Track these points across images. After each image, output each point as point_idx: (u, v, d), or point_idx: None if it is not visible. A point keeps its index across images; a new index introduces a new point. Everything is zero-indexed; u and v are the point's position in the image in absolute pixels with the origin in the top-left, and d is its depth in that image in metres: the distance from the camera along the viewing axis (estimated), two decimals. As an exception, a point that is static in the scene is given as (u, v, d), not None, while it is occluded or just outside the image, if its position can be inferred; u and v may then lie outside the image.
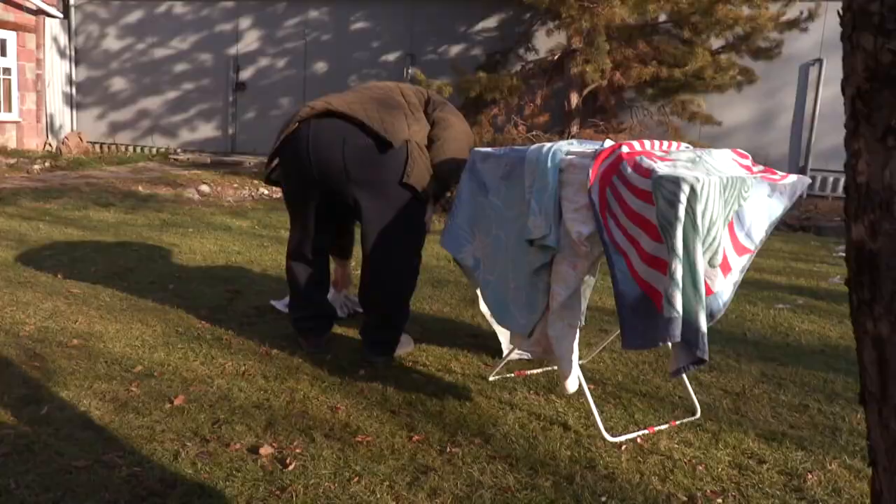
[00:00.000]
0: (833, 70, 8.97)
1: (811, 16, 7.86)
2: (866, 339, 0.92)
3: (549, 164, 2.46)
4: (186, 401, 2.63)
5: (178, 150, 11.40)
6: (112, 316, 3.56)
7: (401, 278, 3.15)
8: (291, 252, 3.28)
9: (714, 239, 2.19)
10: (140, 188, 8.08)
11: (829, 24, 8.75)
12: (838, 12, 0.95)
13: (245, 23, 11.03)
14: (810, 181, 2.45)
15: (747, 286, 4.69)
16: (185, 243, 5.34)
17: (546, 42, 8.83)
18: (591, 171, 2.33)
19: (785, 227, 7.57)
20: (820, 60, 8.98)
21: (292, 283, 3.28)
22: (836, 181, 9.24)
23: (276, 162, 3.25)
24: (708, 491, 2.17)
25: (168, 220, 6.34)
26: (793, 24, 7.79)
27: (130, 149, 11.71)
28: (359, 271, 3.34)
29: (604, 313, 4.00)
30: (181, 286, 4.16)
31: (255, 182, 8.88)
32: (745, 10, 7.43)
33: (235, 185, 8.72)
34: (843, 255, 6.37)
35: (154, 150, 11.52)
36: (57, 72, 11.77)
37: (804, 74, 9.12)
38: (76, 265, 4.52)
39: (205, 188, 8.37)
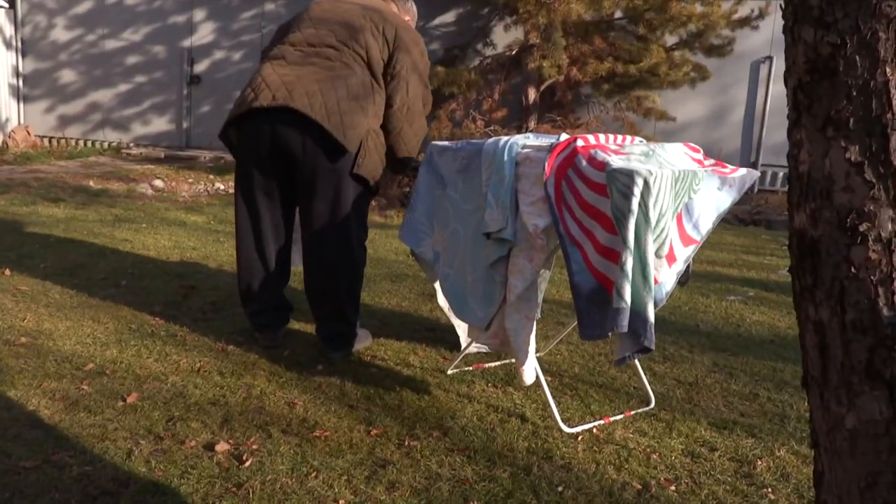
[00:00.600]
0: (783, 67, 9.18)
1: (762, 14, 8.03)
2: (808, 325, 0.95)
3: (506, 157, 2.47)
4: (140, 398, 2.58)
5: (131, 145, 11.16)
6: (62, 313, 3.48)
7: (347, 271, 3.08)
8: (241, 241, 3.16)
9: (663, 230, 2.24)
10: (91, 183, 7.89)
11: (778, 22, 8.95)
12: (780, 5, 0.98)
13: (199, 15, 10.84)
14: (759, 174, 2.52)
15: (700, 279, 4.79)
16: (138, 239, 5.24)
17: (504, 37, 8.86)
18: (546, 165, 2.35)
19: (736, 221, 7.74)
20: (770, 58, 9.20)
21: (243, 274, 3.18)
22: (785, 176, 9.46)
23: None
24: (662, 479, 2.22)
25: (120, 216, 6.21)
26: (744, 22, 7.95)
27: (81, 143, 11.42)
28: None
29: (561, 306, 4.05)
30: (134, 282, 4.09)
31: (211, 177, 8.75)
32: (699, 8, 7.55)
33: (190, 180, 8.58)
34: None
35: (106, 145, 11.26)
36: (2, 63, 11.42)
37: (755, 71, 9.34)
38: (24, 262, 4.40)
39: (158, 183, 8.22)
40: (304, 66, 3.00)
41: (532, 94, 8.13)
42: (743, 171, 2.43)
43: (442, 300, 3.08)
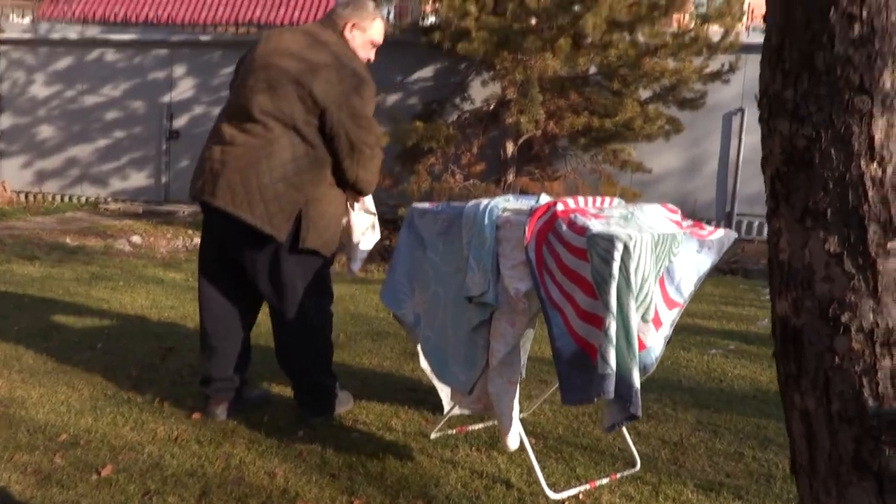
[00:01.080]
0: (754, 119, 9.38)
1: (732, 68, 8.24)
2: (794, 412, 0.95)
3: (486, 220, 2.48)
4: (115, 471, 2.51)
5: (109, 200, 11.11)
6: (35, 379, 3.40)
7: (307, 345, 2.99)
8: (200, 310, 3.10)
9: (646, 294, 2.24)
10: (68, 239, 7.82)
11: (748, 75, 9.20)
12: (755, 96, 1.00)
13: (179, 70, 10.93)
14: (736, 236, 2.54)
15: (681, 332, 4.80)
16: (114, 298, 5.17)
17: (481, 92, 9.01)
18: (527, 229, 2.36)
19: (715, 270, 7.79)
20: (742, 110, 9.43)
21: (201, 341, 3.11)
22: (761, 225, 9.60)
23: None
24: (649, 546, 2.18)
25: (97, 274, 6.14)
26: (715, 76, 8.15)
27: (58, 198, 11.36)
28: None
29: (543, 364, 4.02)
30: (110, 344, 4.02)
31: (190, 232, 8.71)
32: (671, 63, 7.74)
33: (169, 236, 8.53)
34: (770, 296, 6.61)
35: (83, 200, 11.20)
36: (-20, 119, 11.39)
37: (727, 123, 9.56)
38: (-3, 324, 4.32)
39: (136, 239, 8.16)
40: (233, 147, 2.84)
41: (510, 148, 8.24)
42: (720, 232, 2.46)
43: (424, 362, 3.06)
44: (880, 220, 0.88)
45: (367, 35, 3.03)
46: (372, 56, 3.11)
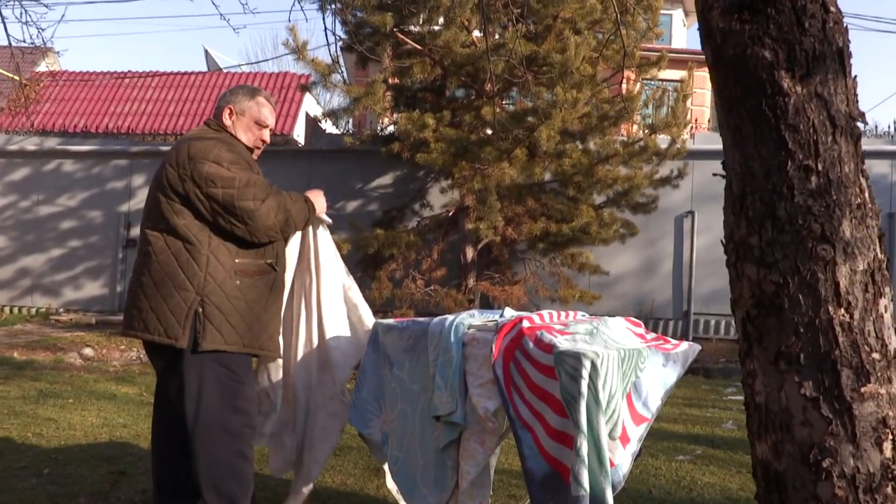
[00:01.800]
0: (704, 221, 9.74)
1: (680, 174, 8.58)
2: (782, 559, 0.93)
3: (453, 338, 2.47)
4: None
5: (60, 310, 10.83)
6: (-25, 512, 3.19)
7: (221, 476, 2.57)
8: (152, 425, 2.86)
9: (614, 411, 2.23)
10: (15, 354, 7.54)
11: (696, 179, 9.58)
12: (721, 242, 1.03)
13: (139, 180, 10.94)
14: (700, 348, 2.57)
15: (647, 437, 4.74)
16: (63, 417, 4.95)
17: (440, 198, 9.18)
18: (494, 346, 2.36)
19: (676, 371, 7.83)
20: (692, 212, 9.76)
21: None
22: (717, 323, 9.76)
23: None
24: None
25: (46, 391, 5.90)
26: (665, 181, 8.47)
27: (7, 310, 11.03)
28: None
29: (511, 476, 3.93)
30: (58, 470, 3.81)
31: (144, 342, 8.48)
32: (622, 170, 8.03)
33: (122, 347, 8.29)
34: (733, 398, 6.60)
35: (34, 311, 10.90)
36: (-71, 230, 11.17)
37: (679, 225, 9.86)
38: (-64, 451, 4.08)
39: (88, 351, 7.91)
40: (135, 264, 2.79)
41: (470, 253, 8.33)
42: (685, 345, 2.48)
43: (391, 482, 2.96)
44: (852, 364, 0.90)
45: (247, 117, 2.90)
46: (266, 137, 2.96)
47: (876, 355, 0.91)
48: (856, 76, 1.04)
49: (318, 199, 2.95)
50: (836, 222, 0.91)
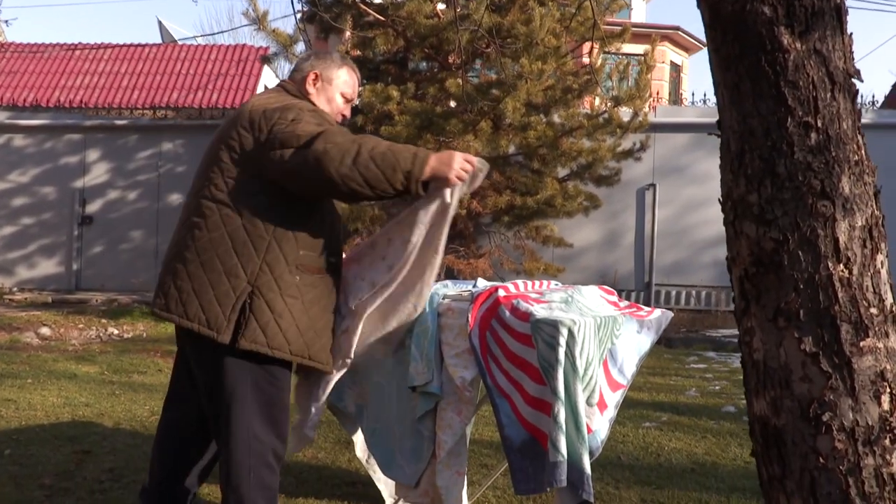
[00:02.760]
0: (665, 194, 9.88)
1: (643, 147, 8.66)
2: (780, 514, 0.95)
3: (427, 308, 2.46)
4: None
5: (14, 290, 10.54)
6: (-65, 495, 3.10)
7: (234, 482, 2.30)
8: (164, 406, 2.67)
9: (591, 378, 2.25)
10: (-32, 335, 7.34)
11: (658, 153, 9.69)
12: (719, 200, 1.03)
13: (93, 155, 10.66)
14: (672, 315, 2.60)
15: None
16: (23, 398, 4.83)
17: (404, 172, 9.12)
18: (470, 315, 2.35)
19: (639, 341, 7.97)
20: (653, 185, 9.88)
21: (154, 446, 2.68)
22: (678, 294, 9.94)
23: None
24: None
25: (2, 371, 5.74)
26: (628, 154, 8.54)
27: (-43, 289, 10.70)
28: None
29: (482, 446, 3.96)
30: (19, 451, 3.72)
31: (104, 321, 8.32)
32: (586, 143, 8.07)
33: (81, 326, 8.12)
34: (695, 366, 6.72)
35: (-15, 290, 10.59)
36: None
37: (641, 198, 9.98)
38: None
39: (45, 331, 7.73)
40: (175, 236, 2.45)
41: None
42: (658, 312, 2.51)
43: (361, 453, 2.96)
44: (851, 319, 0.91)
45: (334, 87, 2.54)
46: (347, 113, 2.63)
47: (874, 310, 0.92)
48: (851, 33, 1.04)
49: (455, 160, 2.24)
50: (836, 178, 0.92)
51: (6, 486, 3.23)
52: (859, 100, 0.99)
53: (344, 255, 2.52)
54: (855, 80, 0.99)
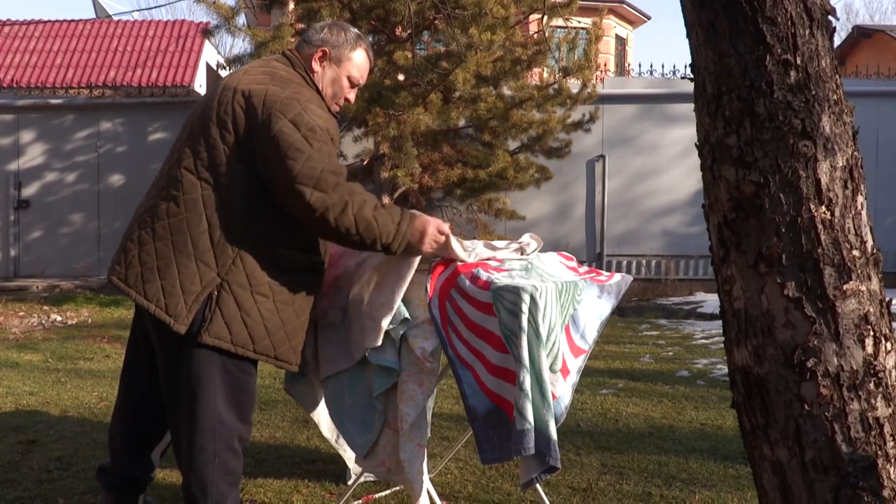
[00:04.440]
0: (614, 164, 9.96)
1: (592, 118, 8.69)
2: (764, 464, 0.93)
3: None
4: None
5: (-52, 278, 10.11)
6: None
7: (209, 473, 2.19)
8: (120, 388, 2.55)
9: (554, 344, 2.23)
10: None
11: (606, 124, 9.74)
12: (696, 145, 0.99)
13: (27, 136, 10.23)
14: (632, 279, 2.60)
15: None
16: (-38, 389, 4.63)
17: (354, 147, 8.99)
18: (428, 285, 2.30)
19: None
20: (603, 156, 9.94)
21: (112, 422, 2.58)
22: (628, 264, 10.07)
23: None
24: None
25: (-60, 362, 5.50)
26: (577, 126, 8.56)
27: None
28: None
29: (442, 419, 3.94)
30: (-40, 443, 3.56)
31: (45, 308, 8.04)
32: (536, 115, 8.05)
33: (21, 314, 7.83)
34: (647, 333, 6.83)
35: (-83, 280, 10.13)
36: None
37: (591, 169, 10.04)
38: None
39: (-17, 320, 7.43)
40: (147, 201, 2.28)
41: (386, 202, 8.22)
42: (617, 276, 2.50)
43: (328, 432, 2.90)
44: (834, 262, 0.88)
45: (342, 68, 2.35)
46: (351, 97, 2.42)
47: (856, 252, 0.90)
48: (827, -33, 1.02)
49: (427, 236, 2.19)
50: (817, 117, 0.89)
51: (-54, 480, 3.08)
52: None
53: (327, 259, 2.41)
54: (831, 18, 0.96)
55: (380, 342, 2.30)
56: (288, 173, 2.07)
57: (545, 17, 7.03)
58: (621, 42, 20.51)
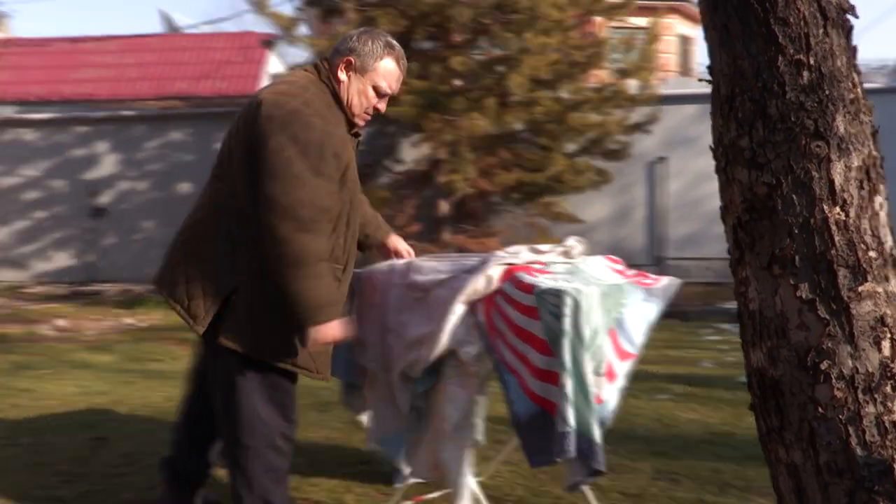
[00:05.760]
0: (676, 166, 9.76)
1: (652, 119, 8.55)
2: (780, 467, 0.92)
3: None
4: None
5: (30, 283, 10.64)
6: (-47, 484, 3.13)
7: (253, 456, 2.26)
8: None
9: (598, 347, 2.22)
10: (-14, 328, 7.41)
11: (667, 125, 9.57)
12: (710, 147, 0.99)
13: (102, 147, 10.69)
14: (680, 282, 2.57)
15: (628, 379, 4.81)
16: (40, 387, 4.88)
17: (412, 153, 9.08)
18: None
19: (653, 315, 7.92)
20: (665, 158, 9.77)
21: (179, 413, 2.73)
22: (692, 267, 9.85)
23: None
24: None
25: (20, 363, 5.80)
26: (637, 127, 8.43)
27: (-26, 285, 10.80)
28: None
29: (495, 422, 3.94)
30: (36, 439, 3.76)
31: (118, 311, 8.37)
32: (594, 117, 7.98)
33: (96, 317, 8.18)
34: (710, 338, 6.70)
35: (2, 285, 10.69)
36: None
37: (651, 171, 9.87)
38: None
39: (61, 322, 7.79)
40: (196, 214, 2.38)
41: (444, 207, 8.28)
42: (665, 280, 2.48)
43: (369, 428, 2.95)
44: (849, 263, 0.87)
45: (367, 78, 2.28)
46: (381, 107, 2.37)
47: (872, 253, 0.88)
48: (845, -34, 1.00)
49: (328, 331, 2.16)
50: (830, 117, 0.88)
51: (22, 473, 3.26)
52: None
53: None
54: (850, 17, 0.95)
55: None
56: (264, 194, 2.07)
57: (601, 19, 6.98)
58: (685, 41, 20.09)
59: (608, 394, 2.31)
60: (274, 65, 14.12)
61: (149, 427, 3.89)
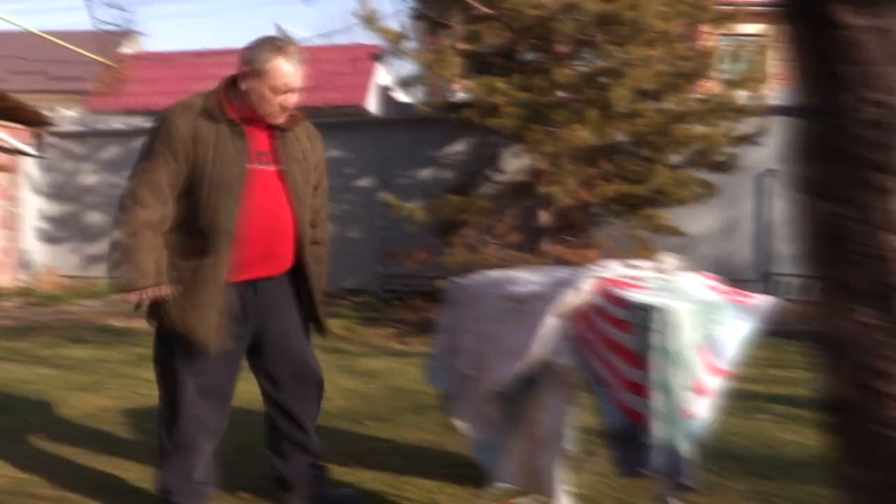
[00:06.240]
0: (786, 180, 9.42)
1: (762, 131, 8.28)
2: (848, 487, 0.96)
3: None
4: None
5: (153, 281, 11.35)
6: (86, 459, 3.46)
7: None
8: None
9: (688, 363, 2.25)
10: (114, 322, 8.01)
11: (780, 137, 9.24)
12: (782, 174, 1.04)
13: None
14: (778, 301, 2.54)
15: (727, 397, 4.71)
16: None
17: (513, 163, 9.17)
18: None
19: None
20: (774, 171, 9.42)
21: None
22: (801, 284, 9.46)
23: None
24: None
25: (144, 354, 6.20)
26: (745, 139, 8.18)
27: (103, 281, 11.65)
28: None
29: (587, 433, 3.97)
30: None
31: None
32: (700, 129, 7.82)
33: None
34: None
35: (128, 282, 11.46)
36: (31, 208, 11.87)
37: (760, 184, 9.55)
38: (44, 410, 4.41)
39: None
40: None
41: (544, 217, 8.31)
42: (761, 298, 2.47)
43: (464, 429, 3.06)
44: (909, 291, 0.91)
45: (262, 82, 2.49)
46: (289, 101, 2.58)
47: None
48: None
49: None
50: (893, 151, 0.92)
51: (149, 456, 3.55)
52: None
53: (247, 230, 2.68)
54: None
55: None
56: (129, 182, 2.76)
57: (704, 34, 6.86)
58: (802, 48, 19.25)
59: (699, 409, 2.32)
60: (382, 76, 14.55)
61: (259, 420, 4.14)
